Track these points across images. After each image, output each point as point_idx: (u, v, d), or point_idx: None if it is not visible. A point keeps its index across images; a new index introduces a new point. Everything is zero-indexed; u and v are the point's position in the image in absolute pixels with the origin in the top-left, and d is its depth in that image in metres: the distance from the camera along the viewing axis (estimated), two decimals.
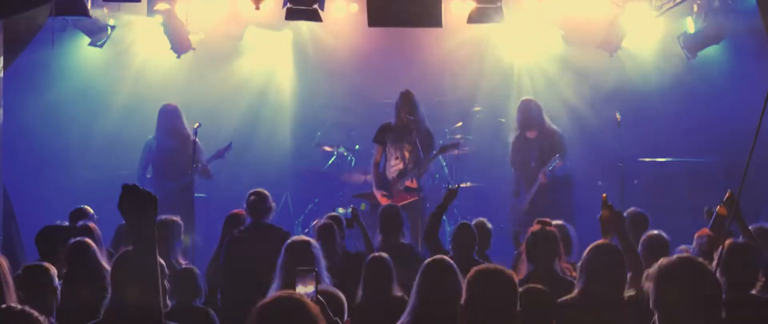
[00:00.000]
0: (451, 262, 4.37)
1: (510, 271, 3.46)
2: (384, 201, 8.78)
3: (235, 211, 6.85)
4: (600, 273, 4.45)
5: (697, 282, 2.97)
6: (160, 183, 9.08)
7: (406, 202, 8.80)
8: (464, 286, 3.44)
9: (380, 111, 10.32)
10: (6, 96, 7.73)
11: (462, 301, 3.43)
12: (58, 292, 4.50)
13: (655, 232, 5.86)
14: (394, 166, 9.21)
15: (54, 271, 4.50)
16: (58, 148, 10.65)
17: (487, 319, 3.32)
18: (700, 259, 3.17)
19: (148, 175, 9.32)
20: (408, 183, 9.00)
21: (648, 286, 3.09)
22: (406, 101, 9.09)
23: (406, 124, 9.01)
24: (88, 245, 5.22)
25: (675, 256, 3.13)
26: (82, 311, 4.40)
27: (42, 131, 10.58)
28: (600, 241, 4.64)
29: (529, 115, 9.38)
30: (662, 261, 3.08)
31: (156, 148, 9.31)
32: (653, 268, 3.08)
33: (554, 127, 9.47)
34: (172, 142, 9.24)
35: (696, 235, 5.57)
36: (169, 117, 9.34)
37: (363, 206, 9.48)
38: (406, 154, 9.07)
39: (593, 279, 4.46)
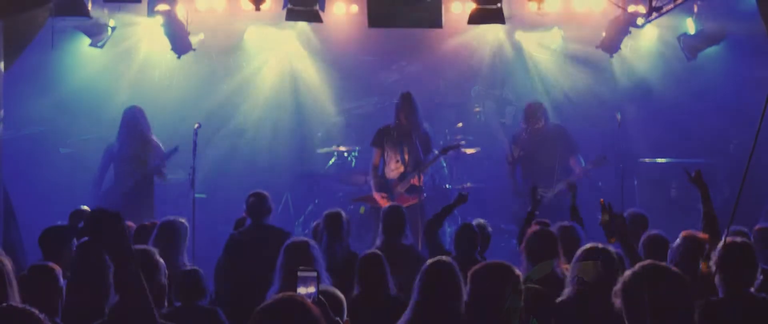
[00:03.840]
0: (453, 261, 4.37)
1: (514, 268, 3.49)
2: (384, 203, 8.75)
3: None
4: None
5: (666, 289, 2.94)
6: (121, 185, 9.07)
7: (408, 204, 8.76)
8: (469, 281, 3.46)
9: (380, 111, 10.32)
10: (6, 97, 7.74)
11: (466, 296, 3.45)
12: (63, 292, 4.50)
13: (656, 232, 5.84)
14: (395, 170, 9.20)
15: (59, 271, 4.50)
16: (57, 148, 10.66)
17: (493, 313, 3.33)
18: (663, 264, 3.14)
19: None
20: (413, 181, 8.95)
21: (617, 302, 3.05)
22: (405, 103, 9.11)
23: (404, 127, 9.01)
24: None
25: (638, 266, 3.10)
26: (88, 312, 4.41)
27: (42, 131, 10.59)
28: (590, 245, 4.63)
29: (538, 113, 9.52)
30: (626, 275, 3.05)
31: (118, 151, 9.26)
32: (619, 283, 3.05)
33: (560, 124, 9.68)
34: (136, 146, 9.20)
35: (682, 235, 5.44)
36: (133, 120, 9.30)
37: (362, 209, 9.48)
38: (406, 157, 9.04)
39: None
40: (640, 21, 9.98)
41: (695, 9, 10.00)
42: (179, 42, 10.07)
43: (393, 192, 9.17)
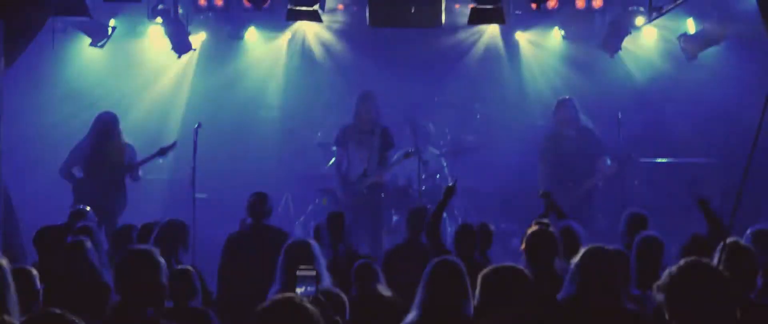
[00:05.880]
0: (458, 261, 4.34)
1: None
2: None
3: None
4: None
5: (712, 287, 2.96)
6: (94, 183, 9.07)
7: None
8: (479, 284, 3.47)
9: (381, 111, 10.29)
10: (6, 96, 7.73)
11: (476, 301, 3.46)
12: (40, 296, 4.43)
13: (651, 233, 5.79)
14: (359, 167, 9.29)
15: (36, 274, 4.43)
16: (58, 148, 10.64)
17: (504, 317, 3.34)
18: (706, 260, 3.14)
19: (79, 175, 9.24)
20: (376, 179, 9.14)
21: (659, 296, 3.06)
22: (364, 102, 9.25)
23: (365, 125, 9.20)
24: (83, 244, 5.24)
25: (683, 263, 3.10)
26: (78, 311, 4.39)
27: (42, 132, 10.59)
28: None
29: (569, 114, 9.37)
30: (672, 270, 3.05)
31: (87, 151, 9.12)
32: (664, 279, 3.05)
33: (589, 124, 9.48)
34: (107, 149, 9.16)
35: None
36: (105, 124, 9.23)
37: (325, 201, 9.59)
38: (368, 155, 9.18)
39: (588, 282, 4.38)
40: (640, 21, 9.98)
41: (695, 9, 10.00)
42: (179, 42, 10.09)
43: (353, 189, 9.25)
